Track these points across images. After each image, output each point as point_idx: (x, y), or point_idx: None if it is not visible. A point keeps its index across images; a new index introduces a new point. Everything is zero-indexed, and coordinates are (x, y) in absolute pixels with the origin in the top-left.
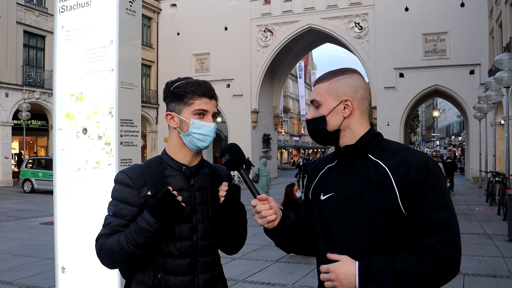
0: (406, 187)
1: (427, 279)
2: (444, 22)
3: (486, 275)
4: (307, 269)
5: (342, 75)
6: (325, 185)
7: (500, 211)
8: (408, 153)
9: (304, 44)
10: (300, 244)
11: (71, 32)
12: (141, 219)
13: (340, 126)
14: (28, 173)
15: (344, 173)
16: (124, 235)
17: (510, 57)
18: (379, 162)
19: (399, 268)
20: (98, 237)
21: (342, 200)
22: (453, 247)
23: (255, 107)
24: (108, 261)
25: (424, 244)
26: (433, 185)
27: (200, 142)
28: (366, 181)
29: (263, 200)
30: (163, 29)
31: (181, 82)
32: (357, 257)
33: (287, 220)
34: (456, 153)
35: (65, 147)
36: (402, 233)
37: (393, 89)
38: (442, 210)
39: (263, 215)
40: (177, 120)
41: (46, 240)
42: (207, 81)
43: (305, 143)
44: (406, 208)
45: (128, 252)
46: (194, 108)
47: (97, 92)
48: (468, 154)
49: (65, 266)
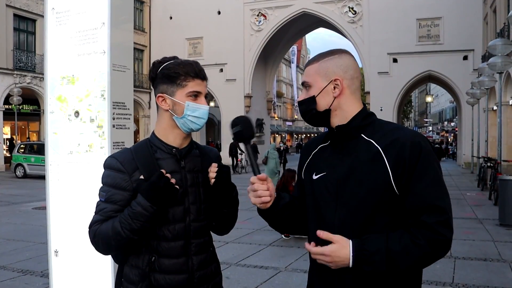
0: (399, 167)
1: (420, 259)
2: (438, 7)
3: (477, 258)
4: (300, 253)
5: (331, 56)
6: (317, 165)
7: (491, 196)
8: (401, 133)
9: (297, 28)
10: (294, 224)
11: (62, 14)
12: (136, 204)
13: (330, 106)
14: (20, 158)
15: (337, 153)
16: (118, 220)
17: (504, 43)
18: (372, 141)
19: (393, 250)
20: (91, 224)
21: (335, 180)
22: (447, 227)
23: (248, 92)
24: (103, 247)
25: (420, 223)
26: (427, 165)
27: (194, 124)
28: (359, 161)
29: (263, 180)
30: (155, 13)
31: (170, 63)
32: (349, 237)
33: (281, 202)
34: (449, 138)
35: (57, 130)
36: (394, 212)
37: (386, 74)
38: (436, 190)
39: (258, 195)
40: (170, 102)
41: (39, 224)
42: (197, 61)
43: (298, 128)
44: (398, 188)
45: (123, 237)
46: (188, 90)
47: (89, 74)
48: (461, 140)
49: (58, 250)
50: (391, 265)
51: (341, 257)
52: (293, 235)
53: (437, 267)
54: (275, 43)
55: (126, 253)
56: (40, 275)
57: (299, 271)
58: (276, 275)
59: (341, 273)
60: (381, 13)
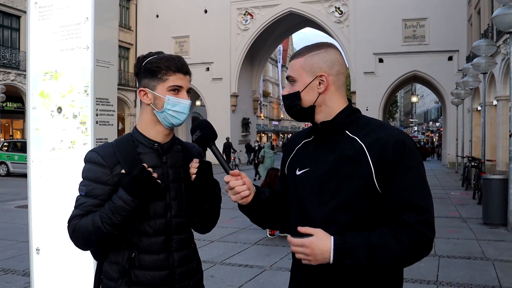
0: (382, 165)
1: (402, 256)
2: (424, 8)
3: (461, 257)
4: (285, 251)
5: (317, 50)
6: (301, 160)
7: (475, 195)
8: (385, 131)
9: (284, 28)
10: (275, 219)
11: (45, 8)
12: (117, 198)
13: (315, 102)
14: (3, 156)
15: (321, 149)
16: (99, 215)
17: (488, 44)
18: (356, 138)
19: (374, 245)
20: (71, 218)
21: (317, 176)
22: (428, 226)
23: (235, 91)
24: (83, 242)
25: (401, 222)
26: (410, 164)
27: (174, 119)
28: (342, 158)
29: (236, 176)
30: (142, 11)
31: (153, 57)
32: (332, 233)
33: (261, 196)
34: (434, 138)
35: (40, 127)
36: (376, 210)
37: (372, 74)
38: (419, 190)
39: (236, 191)
40: (151, 97)
41: (22, 223)
42: (180, 56)
43: (284, 128)
44: (380, 186)
45: (104, 232)
46: (169, 84)
47: (72, 70)
48: (445, 140)
49: (39, 247)
50: (372, 260)
51: (321, 249)
52: (276, 230)
53: (421, 266)
54: (261, 42)
55: (105, 249)
56: (22, 274)
57: (284, 269)
58: (261, 274)
59: (323, 271)
60: (367, 13)
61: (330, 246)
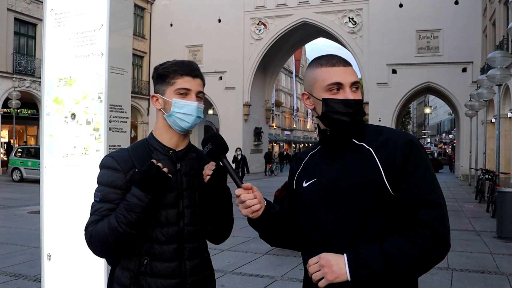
0: (391, 166)
1: (419, 259)
2: (438, 19)
3: (474, 270)
4: (296, 262)
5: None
6: (307, 172)
7: (489, 208)
8: (391, 133)
9: (297, 38)
10: (284, 236)
11: (61, 15)
12: (130, 195)
13: None
14: (17, 162)
15: (327, 158)
16: (114, 216)
17: (503, 55)
18: (363, 144)
19: (388, 251)
20: (87, 225)
21: (324, 184)
22: (441, 223)
23: (247, 100)
24: (101, 247)
25: (415, 221)
26: (419, 161)
27: (183, 122)
28: (350, 164)
29: (248, 189)
30: (156, 20)
31: (165, 63)
32: (344, 240)
33: (272, 210)
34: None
35: (53, 133)
36: (388, 214)
37: (385, 85)
38: (430, 185)
39: (247, 205)
40: (161, 101)
41: (34, 228)
42: (191, 61)
43: (296, 137)
44: (392, 187)
45: (120, 232)
46: (176, 87)
47: (87, 76)
48: (459, 152)
49: (51, 253)
50: (390, 267)
51: (336, 259)
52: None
53: (434, 279)
54: (274, 52)
55: (120, 253)
56: (33, 279)
57: (295, 280)
58: (271, 284)
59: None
60: (381, 24)
61: (344, 259)
